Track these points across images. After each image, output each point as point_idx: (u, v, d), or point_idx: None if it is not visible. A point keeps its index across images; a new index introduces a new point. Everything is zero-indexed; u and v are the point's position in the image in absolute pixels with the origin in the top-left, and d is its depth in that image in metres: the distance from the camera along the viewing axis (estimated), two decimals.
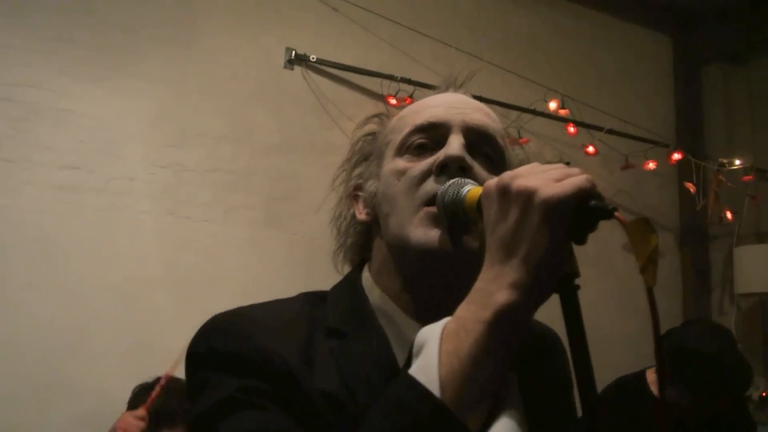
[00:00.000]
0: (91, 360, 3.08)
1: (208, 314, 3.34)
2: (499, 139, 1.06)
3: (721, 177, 4.48)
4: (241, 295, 3.33)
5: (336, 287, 1.12)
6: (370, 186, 1.09)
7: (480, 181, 0.95)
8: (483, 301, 0.78)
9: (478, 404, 0.78)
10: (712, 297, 4.90)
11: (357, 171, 1.15)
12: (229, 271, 3.42)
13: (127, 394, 2.97)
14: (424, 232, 0.97)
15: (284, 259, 3.56)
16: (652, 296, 0.81)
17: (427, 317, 0.93)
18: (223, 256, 3.43)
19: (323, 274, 3.81)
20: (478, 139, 1.03)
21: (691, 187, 4.42)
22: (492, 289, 0.78)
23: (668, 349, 2.69)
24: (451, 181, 0.95)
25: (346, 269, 1.16)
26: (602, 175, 4.48)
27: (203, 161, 3.42)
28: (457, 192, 0.93)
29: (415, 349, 0.83)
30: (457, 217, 0.94)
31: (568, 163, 0.84)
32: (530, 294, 0.77)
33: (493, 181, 0.82)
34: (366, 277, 1.09)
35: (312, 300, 1.08)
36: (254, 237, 3.52)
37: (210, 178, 3.43)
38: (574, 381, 0.82)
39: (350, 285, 1.10)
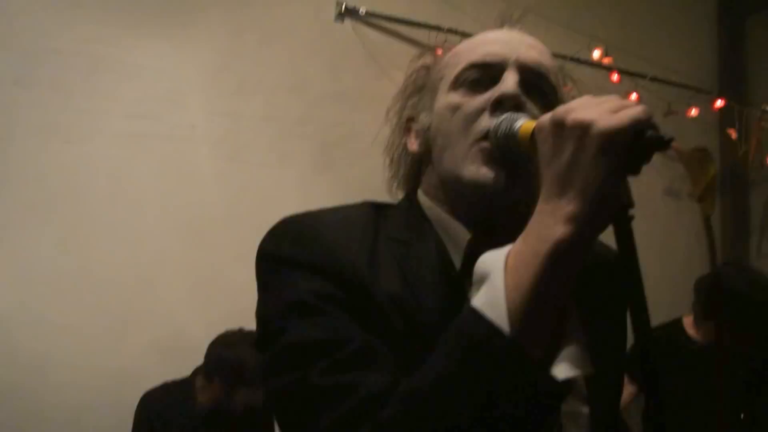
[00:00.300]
0: (160, 294, 3.29)
1: None
2: (552, 77, 1.06)
3: (763, 123, 4.44)
4: None
5: (395, 204, 1.15)
6: (424, 118, 1.10)
7: (534, 118, 0.94)
8: (540, 234, 0.78)
9: (542, 337, 0.78)
10: (751, 241, 4.88)
11: (410, 102, 1.16)
12: (283, 213, 3.53)
13: (193, 325, 3.18)
14: (476, 168, 0.97)
15: (334, 203, 3.64)
16: (709, 224, 0.82)
17: (483, 231, 1.02)
18: (278, 200, 3.56)
19: None
20: (533, 77, 1.02)
21: (732, 134, 4.41)
22: (549, 222, 0.78)
23: (713, 291, 2.70)
24: (504, 115, 0.95)
25: (400, 196, 1.19)
26: None
27: (260, 110, 3.55)
28: (510, 126, 0.92)
29: (476, 278, 0.83)
30: (510, 152, 0.93)
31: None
32: (587, 226, 0.77)
33: (547, 116, 0.81)
34: (421, 195, 1.12)
35: (376, 208, 1.10)
36: (308, 182, 3.65)
37: (266, 125, 3.57)
38: (628, 310, 0.83)
39: (408, 202, 1.13)
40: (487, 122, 0.98)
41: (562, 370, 0.78)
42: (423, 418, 0.77)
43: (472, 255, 0.94)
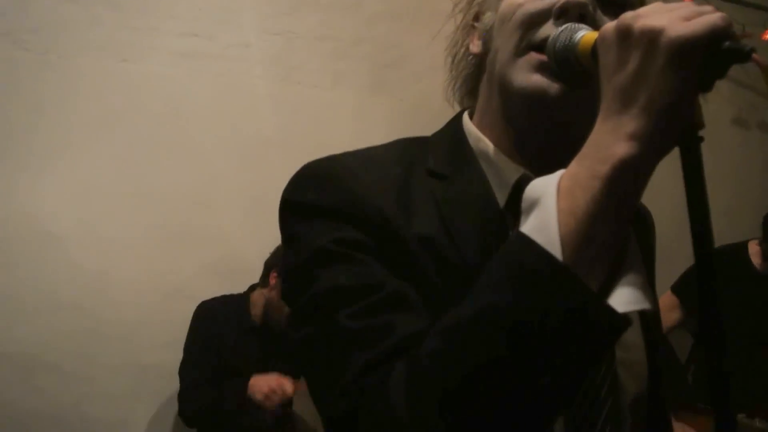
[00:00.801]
0: (216, 215, 3.30)
1: None
2: None
3: None
4: None
5: (439, 131, 1.06)
6: (487, 18, 1.00)
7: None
8: (599, 154, 0.69)
9: (599, 264, 0.70)
10: None
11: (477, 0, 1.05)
12: (337, 135, 3.51)
13: (248, 246, 3.19)
14: (526, 77, 0.88)
15: (388, 125, 3.61)
16: None
17: (528, 162, 0.93)
18: (331, 121, 3.52)
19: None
20: None
21: None
22: (609, 141, 0.69)
23: None
24: (565, 26, 0.85)
25: (456, 107, 1.10)
26: None
27: (314, 29, 3.47)
28: (570, 37, 0.83)
29: (525, 205, 0.75)
30: (568, 64, 0.84)
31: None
32: (651, 145, 0.67)
33: (611, 24, 0.71)
34: (467, 122, 1.02)
35: (412, 144, 1.02)
36: (360, 103, 3.58)
37: (320, 45, 3.49)
38: (692, 242, 0.71)
39: (452, 130, 1.03)
40: (547, 30, 0.88)
41: (620, 303, 0.68)
42: (466, 351, 0.69)
43: (517, 192, 0.85)
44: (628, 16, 0.69)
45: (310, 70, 3.47)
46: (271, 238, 3.10)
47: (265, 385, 2.65)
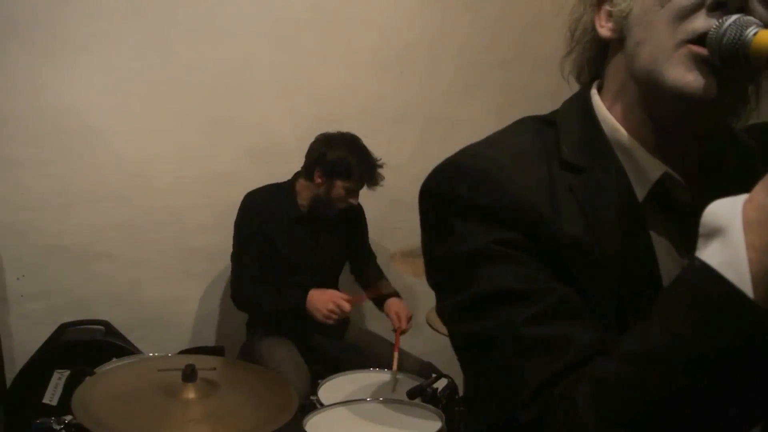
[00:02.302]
0: (249, 98, 3.21)
1: (350, 53, 3.31)
2: None
3: None
4: (377, 33, 3.29)
5: (565, 111, 0.98)
6: (625, 4, 0.89)
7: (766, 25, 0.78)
8: None
9: None
10: None
11: None
12: (368, 10, 3.36)
13: (283, 130, 3.12)
14: (682, 73, 0.81)
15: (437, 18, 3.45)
16: None
17: (668, 157, 0.88)
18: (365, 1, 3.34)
19: (459, 11, 3.67)
20: None
21: None
22: None
23: None
24: (733, 17, 0.77)
25: (573, 81, 1.01)
26: None
27: None
28: (740, 33, 0.76)
29: (704, 230, 0.69)
30: (735, 62, 0.77)
31: None
32: None
33: None
34: (598, 102, 0.95)
35: (539, 127, 0.96)
36: None
37: None
38: None
39: (582, 110, 0.96)
40: (702, 23, 0.80)
41: None
42: (656, 380, 0.68)
43: (658, 188, 0.87)
44: None
45: None
46: (302, 117, 3.05)
47: (324, 307, 2.70)
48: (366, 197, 2.99)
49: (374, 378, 2.63)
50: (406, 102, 3.48)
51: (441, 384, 2.32)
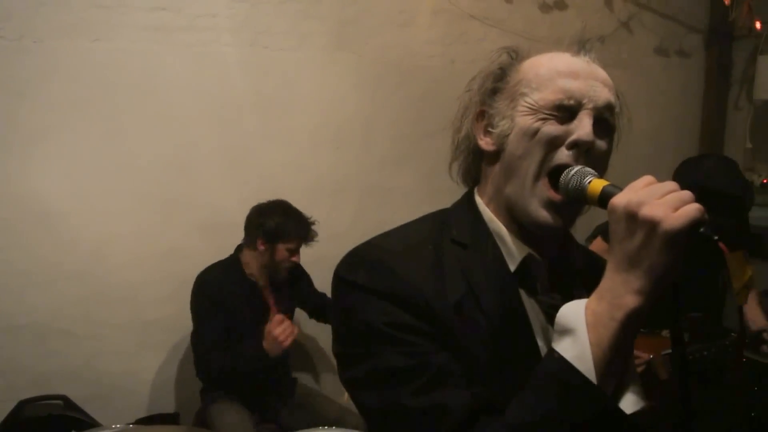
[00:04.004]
0: (198, 177, 3.28)
1: (290, 132, 3.39)
2: (616, 107, 1.11)
3: None
4: (315, 113, 3.39)
5: (455, 205, 1.19)
6: (504, 124, 1.09)
7: (599, 155, 1.06)
8: (614, 301, 0.89)
9: (615, 377, 0.92)
10: (730, 93, 4.77)
11: (484, 98, 1.14)
12: (306, 93, 3.47)
13: (230, 206, 3.19)
14: (539, 211, 1.05)
15: (353, 79, 3.57)
16: (742, 314, 0.87)
17: (531, 243, 1.10)
18: (300, 80, 3.46)
19: (389, 91, 3.80)
20: (604, 115, 1.07)
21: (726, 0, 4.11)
22: (620, 291, 0.89)
23: (688, 183, 2.59)
24: (575, 169, 1.02)
25: (459, 181, 1.23)
26: None
27: None
28: (580, 181, 1.00)
29: (559, 327, 0.94)
30: (576, 201, 1.03)
31: None
32: (650, 298, 0.88)
33: (621, 203, 0.90)
34: (479, 200, 1.15)
35: (437, 217, 1.17)
36: (326, 60, 3.51)
37: (283, 8, 3.38)
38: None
39: (469, 205, 1.16)
40: (563, 156, 1.05)
41: (629, 405, 0.92)
42: None
43: (523, 264, 1.10)
44: (633, 201, 0.88)
45: (275, 34, 3.37)
46: (248, 193, 3.12)
47: (281, 332, 2.68)
48: (307, 266, 3.08)
49: None
50: (344, 174, 3.59)
51: None
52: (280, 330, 2.68)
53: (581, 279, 1.12)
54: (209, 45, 3.22)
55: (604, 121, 1.07)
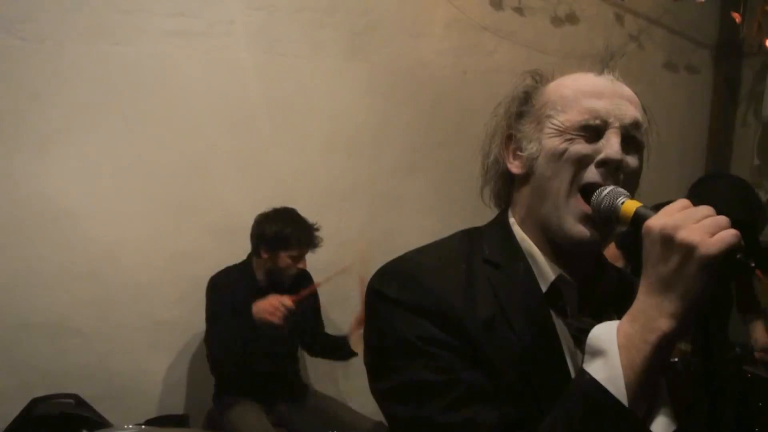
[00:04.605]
0: (210, 182, 3.28)
1: (303, 139, 3.37)
2: (643, 122, 1.10)
3: (766, 7, 4.12)
4: (328, 120, 3.39)
5: (489, 224, 1.19)
6: (531, 147, 1.09)
7: (629, 172, 1.06)
8: (647, 324, 0.87)
9: (648, 402, 0.90)
10: (738, 109, 4.75)
11: (511, 121, 1.14)
12: (319, 100, 3.48)
13: (242, 210, 3.16)
14: (574, 226, 1.04)
15: (365, 87, 3.57)
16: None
17: (563, 264, 1.09)
18: (313, 87, 3.46)
19: (401, 99, 3.80)
20: (632, 132, 1.07)
21: (736, 17, 4.09)
22: (654, 314, 0.87)
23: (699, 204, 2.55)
24: (608, 190, 1.01)
25: (491, 205, 1.22)
26: (655, 0, 4.25)
27: (292, 2, 3.36)
28: (613, 202, 1.00)
29: (590, 349, 0.93)
30: (608, 220, 1.01)
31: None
32: (684, 322, 0.86)
33: (657, 226, 0.88)
34: (512, 220, 1.15)
35: (469, 235, 1.17)
36: (339, 69, 3.51)
37: (299, 17, 3.38)
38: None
39: (502, 225, 1.16)
40: (592, 174, 1.05)
41: (661, 427, 0.90)
42: None
43: (554, 285, 1.09)
44: (669, 225, 0.86)
45: (290, 41, 3.37)
46: (260, 198, 3.11)
47: (268, 305, 2.67)
48: (317, 271, 3.06)
49: None
50: (355, 181, 3.59)
51: None
52: (268, 303, 2.66)
53: (612, 301, 1.10)
54: (225, 51, 3.22)
55: (632, 138, 1.06)
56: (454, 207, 3.52)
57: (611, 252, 2.84)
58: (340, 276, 2.93)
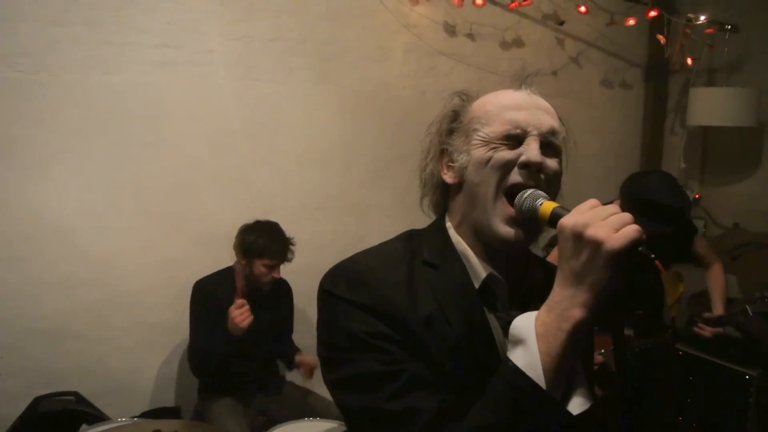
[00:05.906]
0: (196, 196, 3.42)
1: (279, 156, 3.48)
2: (560, 131, 1.15)
3: (687, 31, 4.40)
4: (302, 138, 3.54)
5: (428, 228, 1.24)
6: (462, 158, 1.15)
7: (550, 174, 1.11)
8: (562, 313, 0.92)
9: (564, 382, 0.94)
10: (667, 120, 5.08)
11: (442, 138, 1.21)
12: (293, 120, 3.63)
13: (226, 221, 3.31)
14: (502, 227, 1.09)
15: (335, 108, 3.74)
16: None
17: (494, 263, 1.15)
18: (287, 109, 3.62)
19: (367, 118, 3.95)
20: (548, 138, 1.12)
21: (661, 39, 4.36)
22: (568, 305, 0.92)
23: (635, 197, 2.68)
24: (528, 192, 1.07)
25: (430, 212, 1.28)
26: (591, 26, 4.50)
27: (266, 32, 3.51)
28: (532, 203, 1.05)
29: (512, 338, 0.97)
30: (530, 219, 1.06)
31: (562, 23, 0.99)
32: (595, 310, 0.92)
33: (569, 224, 0.93)
34: (449, 225, 1.21)
35: (411, 237, 1.22)
36: (310, 92, 3.66)
37: (273, 46, 3.53)
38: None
39: (439, 229, 1.21)
40: (515, 177, 1.10)
41: (576, 406, 0.94)
42: None
43: (486, 283, 1.14)
44: (579, 222, 0.92)
45: (265, 68, 3.52)
46: (242, 209, 3.28)
47: (237, 315, 2.73)
48: (295, 273, 3.22)
49: (312, 427, 2.80)
50: (327, 192, 3.76)
51: None
52: (238, 312, 2.74)
53: (539, 294, 1.09)
54: (207, 78, 3.37)
55: (550, 143, 1.12)
56: (416, 213, 3.48)
57: (555, 255, 2.97)
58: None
